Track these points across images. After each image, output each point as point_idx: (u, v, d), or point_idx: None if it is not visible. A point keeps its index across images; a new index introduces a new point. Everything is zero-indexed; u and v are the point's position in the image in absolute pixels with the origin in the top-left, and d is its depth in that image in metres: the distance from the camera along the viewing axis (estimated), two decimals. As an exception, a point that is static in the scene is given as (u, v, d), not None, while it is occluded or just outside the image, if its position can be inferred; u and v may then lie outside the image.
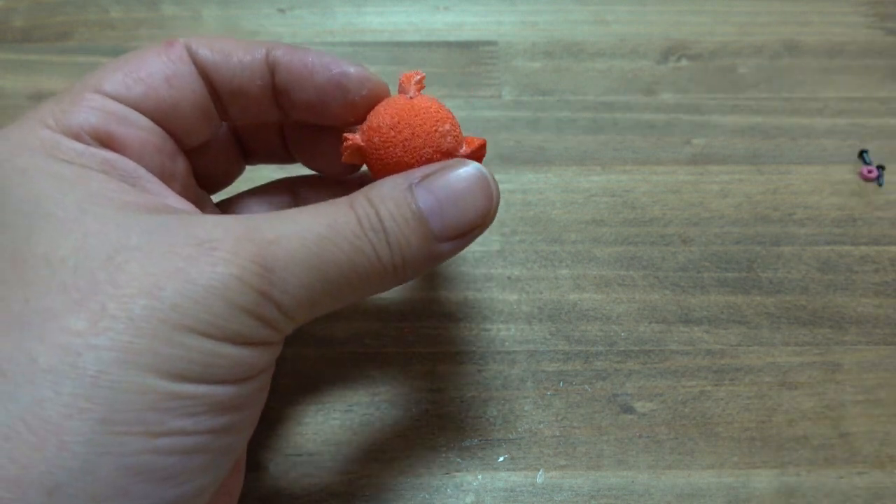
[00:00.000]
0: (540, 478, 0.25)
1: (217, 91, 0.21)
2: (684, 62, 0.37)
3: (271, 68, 0.21)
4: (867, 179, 0.33)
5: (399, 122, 0.20)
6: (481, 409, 0.27)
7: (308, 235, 0.17)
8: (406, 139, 0.20)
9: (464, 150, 0.21)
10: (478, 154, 0.21)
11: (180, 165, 0.21)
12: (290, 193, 0.26)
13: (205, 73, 0.20)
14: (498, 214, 0.21)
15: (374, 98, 0.21)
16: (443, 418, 0.26)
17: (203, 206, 0.23)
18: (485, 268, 0.30)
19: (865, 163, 0.33)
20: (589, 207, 0.32)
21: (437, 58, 0.37)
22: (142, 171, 0.19)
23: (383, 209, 0.18)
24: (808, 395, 0.27)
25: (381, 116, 0.21)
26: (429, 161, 0.20)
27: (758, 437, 0.26)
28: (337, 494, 0.25)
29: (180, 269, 0.16)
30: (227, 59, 0.20)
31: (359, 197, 0.19)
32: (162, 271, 0.16)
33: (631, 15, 0.39)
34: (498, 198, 0.20)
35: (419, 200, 0.18)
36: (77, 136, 0.18)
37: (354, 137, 0.21)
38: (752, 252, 0.30)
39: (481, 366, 0.28)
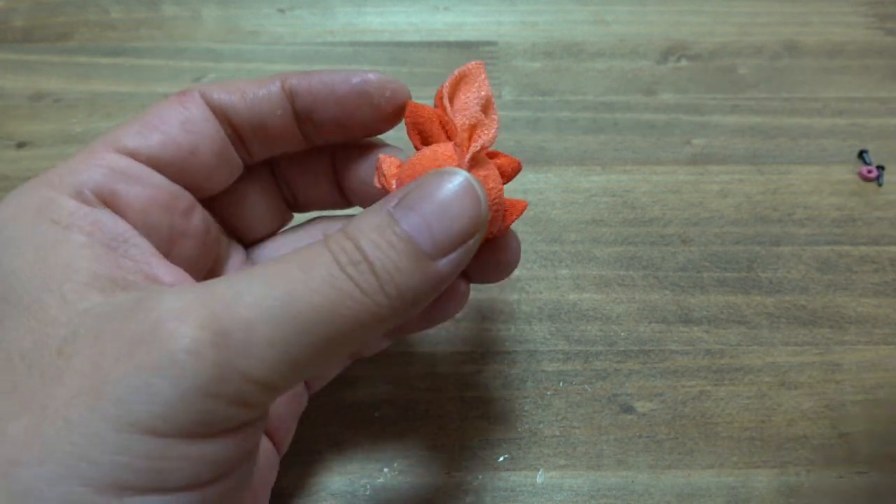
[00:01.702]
0: (540, 478, 0.25)
1: (237, 130, 0.20)
2: (684, 62, 0.37)
3: (289, 96, 0.20)
4: (867, 179, 0.33)
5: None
6: (481, 409, 0.27)
7: (275, 285, 0.15)
8: None
9: (501, 227, 0.20)
10: (512, 218, 0.20)
11: (195, 221, 0.20)
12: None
13: (222, 114, 0.20)
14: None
15: (397, 101, 0.21)
16: (443, 418, 0.26)
17: (225, 260, 0.22)
18: (485, 268, 0.30)
19: (865, 163, 0.33)
20: (589, 207, 0.32)
21: (437, 58, 0.37)
22: (131, 234, 0.18)
23: (363, 240, 0.16)
24: (808, 394, 0.27)
25: (416, 168, 0.19)
26: None
27: (757, 437, 0.26)
28: (337, 494, 0.25)
29: (127, 356, 0.14)
30: (243, 96, 0.20)
31: (335, 234, 0.17)
32: (108, 361, 0.14)
33: (631, 15, 0.39)
34: (486, 199, 0.18)
35: (402, 222, 0.16)
36: (78, 195, 0.17)
37: (391, 160, 0.20)
38: (752, 252, 0.30)
39: (481, 366, 0.28)
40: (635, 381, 0.27)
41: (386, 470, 0.25)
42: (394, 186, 0.19)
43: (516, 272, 0.30)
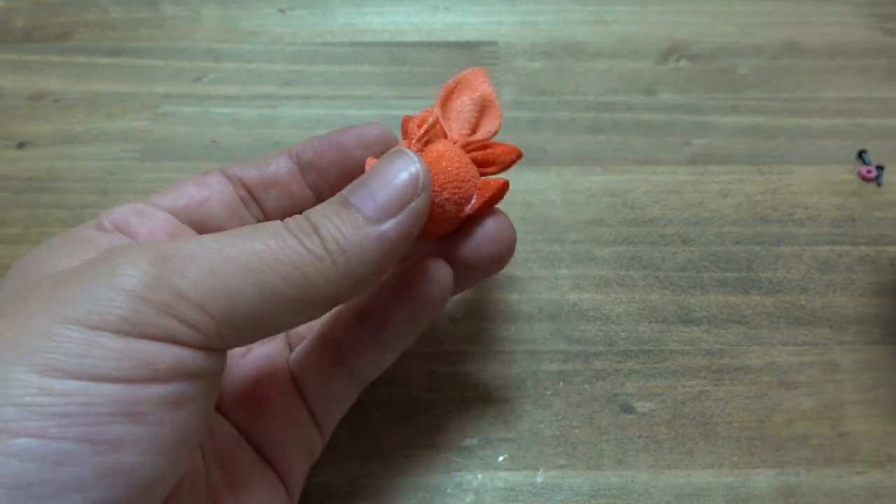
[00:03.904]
0: (540, 477, 0.25)
1: (250, 188, 0.23)
2: (684, 62, 0.37)
3: (294, 156, 0.24)
4: (866, 179, 0.33)
5: None
6: (481, 409, 0.27)
7: (222, 235, 0.17)
8: None
9: (471, 205, 0.21)
10: (491, 202, 0.21)
11: None
12: None
13: (236, 178, 0.23)
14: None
15: (385, 139, 0.23)
16: (443, 418, 0.26)
17: None
18: (485, 268, 0.30)
19: (865, 163, 0.33)
20: (589, 207, 0.32)
21: (437, 58, 0.37)
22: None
23: (314, 212, 0.18)
24: (808, 394, 0.27)
25: None
26: (432, 228, 0.20)
27: (757, 437, 0.26)
28: (337, 494, 0.25)
29: (80, 275, 0.16)
30: (255, 165, 0.24)
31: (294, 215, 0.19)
32: (65, 282, 0.16)
33: (631, 15, 0.39)
34: (424, 164, 0.19)
35: (350, 196, 0.18)
36: (98, 226, 0.21)
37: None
38: (752, 252, 0.30)
39: (481, 366, 0.28)
40: (635, 381, 0.27)
41: (386, 470, 0.25)
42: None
43: (516, 272, 0.30)
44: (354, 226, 0.18)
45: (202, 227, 0.22)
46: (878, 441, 0.26)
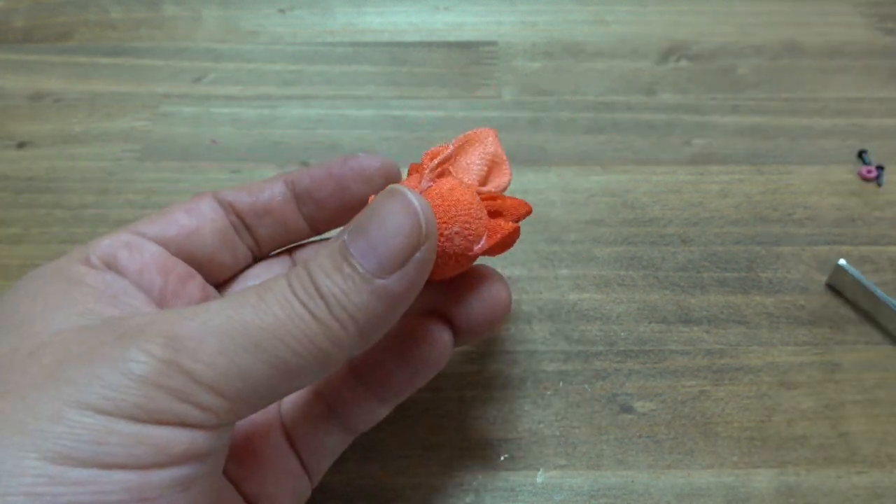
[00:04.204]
0: (540, 477, 0.25)
1: (242, 216, 0.22)
2: (684, 62, 0.37)
3: (289, 184, 0.23)
4: (866, 179, 0.33)
5: None
6: (481, 409, 0.27)
7: (230, 307, 0.16)
8: None
9: (480, 245, 0.20)
10: (501, 245, 0.20)
11: (192, 289, 0.22)
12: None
13: (228, 204, 0.22)
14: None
15: (388, 172, 0.22)
16: (443, 418, 0.26)
17: None
18: (485, 268, 0.30)
19: (865, 163, 0.33)
20: (589, 207, 0.32)
21: (437, 58, 0.37)
22: (130, 289, 0.20)
23: (316, 268, 0.17)
24: (808, 394, 0.27)
25: None
26: (440, 266, 0.19)
27: (757, 437, 0.26)
28: (337, 494, 0.25)
29: (89, 354, 0.15)
30: (248, 190, 0.23)
31: (296, 266, 0.18)
32: (71, 358, 0.15)
33: (631, 15, 0.39)
34: (428, 209, 0.18)
35: (350, 246, 0.17)
36: (86, 261, 0.20)
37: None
38: (752, 252, 0.30)
39: (481, 366, 0.28)
40: (635, 381, 0.27)
41: (386, 470, 0.25)
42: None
43: (516, 272, 0.30)
44: (358, 285, 0.17)
45: (193, 257, 0.22)
46: (878, 441, 0.26)
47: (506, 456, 0.26)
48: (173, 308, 0.21)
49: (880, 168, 0.33)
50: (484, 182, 0.21)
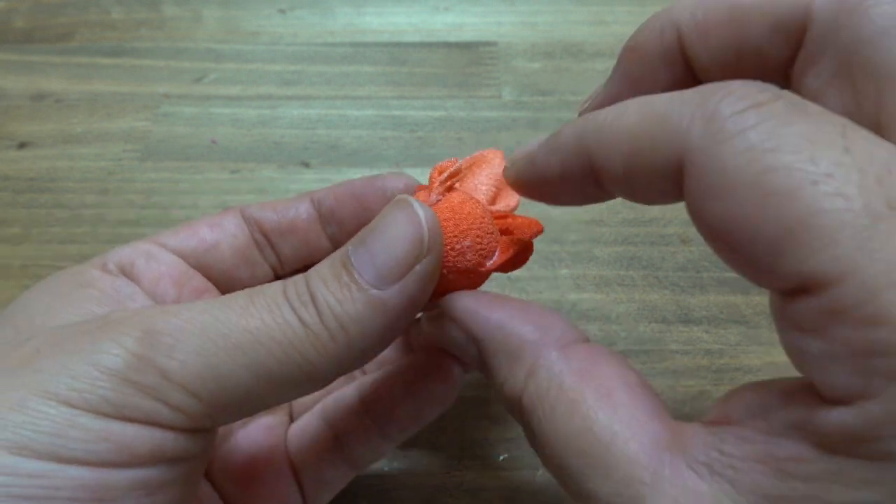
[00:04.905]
0: (539, 477, 0.25)
1: (266, 232, 0.22)
2: (684, 62, 0.37)
3: (315, 202, 0.23)
4: (867, 179, 0.33)
5: None
6: (481, 408, 0.27)
7: (216, 307, 0.16)
8: None
9: (493, 261, 0.19)
10: (514, 260, 0.20)
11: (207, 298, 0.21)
12: None
13: (253, 219, 0.22)
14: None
15: (411, 191, 0.21)
16: (443, 418, 0.26)
17: None
18: (485, 268, 0.30)
19: (865, 163, 0.33)
20: (589, 207, 0.32)
21: (437, 58, 0.37)
22: (140, 297, 0.20)
23: (313, 276, 0.16)
24: (808, 394, 0.27)
25: None
26: (451, 282, 0.18)
27: (757, 437, 0.26)
28: (337, 494, 0.25)
29: (65, 345, 0.15)
30: (274, 206, 0.22)
31: (296, 276, 0.17)
32: (50, 349, 0.15)
33: (631, 15, 0.39)
34: (432, 221, 0.17)
35: (352, 255, 0.16)
36: (103, 267, 0.20)
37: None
38: (752, 252, 0.30)
39: (481, 365, 0.28)
40: (635, 380, 0.27)
41: (385, 469, 0.25)
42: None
43: (516, 272, 0.30)
44: (353, 294, 0.16)
45: (211, 271, 0.22)
46: (878, 441, 0.26)
47: (505, 456, 0.26)
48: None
49: (880, 168, 0.33)
50: (492, 204, 0.21)
